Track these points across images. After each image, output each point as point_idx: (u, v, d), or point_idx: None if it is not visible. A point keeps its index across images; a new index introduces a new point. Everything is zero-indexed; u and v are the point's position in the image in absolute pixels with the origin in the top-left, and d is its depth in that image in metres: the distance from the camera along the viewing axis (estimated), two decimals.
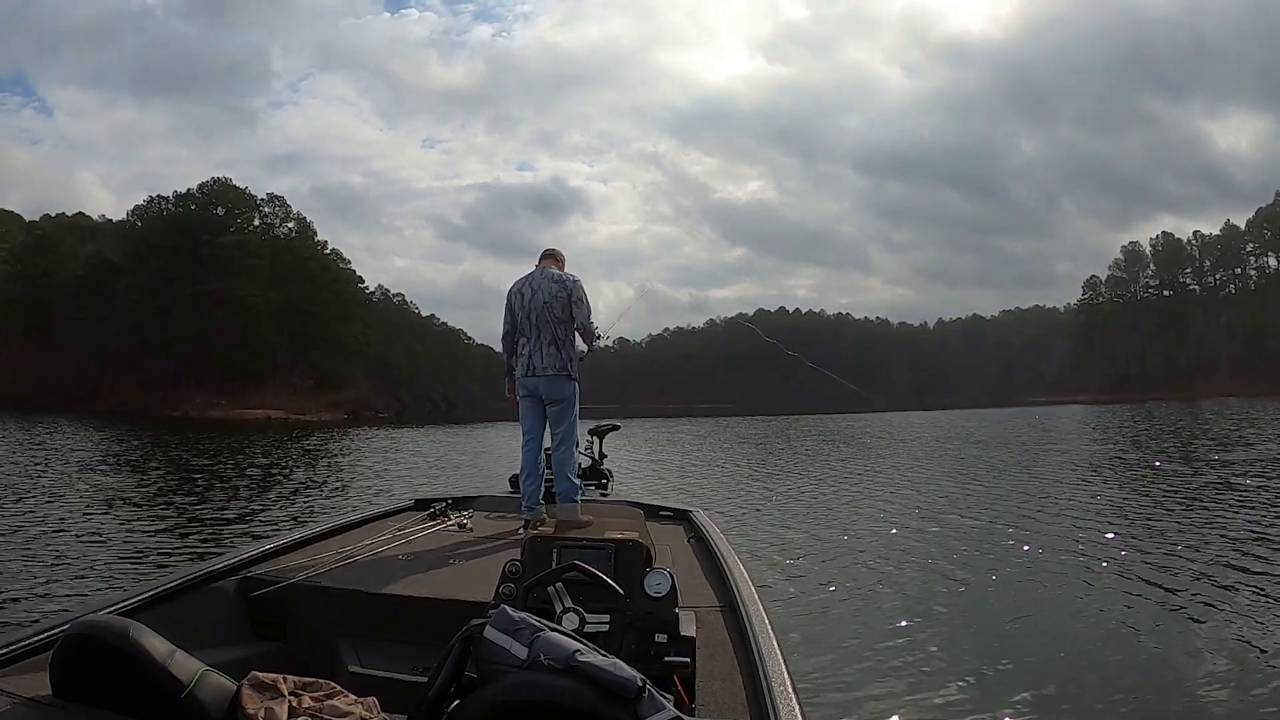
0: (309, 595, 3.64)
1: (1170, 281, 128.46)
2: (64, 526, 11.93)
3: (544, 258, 6.19)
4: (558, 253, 6.27)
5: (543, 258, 6.20)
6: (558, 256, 6.24)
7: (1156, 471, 17.95)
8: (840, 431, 42.00)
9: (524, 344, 5.97)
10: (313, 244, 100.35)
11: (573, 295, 5.88)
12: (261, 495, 15.92)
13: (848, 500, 14.90)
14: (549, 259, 6.17)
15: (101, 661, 1.87)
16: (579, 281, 5.99)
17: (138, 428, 44.45)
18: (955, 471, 19.79)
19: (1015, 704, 5.12)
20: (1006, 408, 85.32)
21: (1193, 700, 5.14)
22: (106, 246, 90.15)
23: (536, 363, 5.89)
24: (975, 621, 7.05)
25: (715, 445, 33.78)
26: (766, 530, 11.71)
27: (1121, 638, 6.47)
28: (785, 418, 66.17)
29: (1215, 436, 28.15)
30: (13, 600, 7.71)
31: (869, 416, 66.90)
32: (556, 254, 6.25)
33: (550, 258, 6.19)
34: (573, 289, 5.90)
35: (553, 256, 6.21)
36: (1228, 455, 21.04)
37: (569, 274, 6.06)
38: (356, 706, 1.96)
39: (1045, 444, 28.99)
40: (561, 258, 6.26)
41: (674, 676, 2.56)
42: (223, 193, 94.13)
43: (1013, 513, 12.69)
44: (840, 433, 40.83)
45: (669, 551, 4.31)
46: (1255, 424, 33.40)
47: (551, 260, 6.17)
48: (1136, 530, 10.95)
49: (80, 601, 7.40)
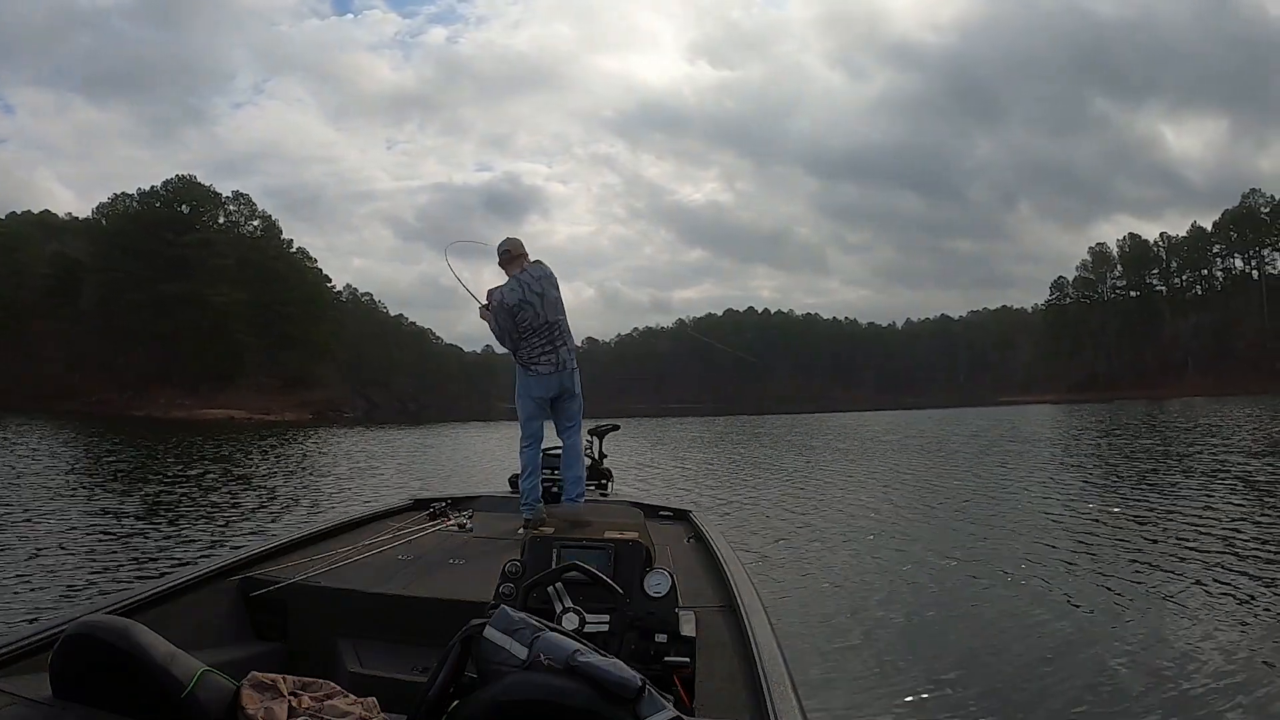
0: (309, 595, 3.63)
1: (1137, 282, 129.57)
2: (62, 527, 11.90)
3: (517, 258, 5.99)
4: (523, 248, 6.07)
5: (515, 258, 5.99)
6: (525, 253, 6.05)
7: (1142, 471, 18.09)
8: (820, 431, 42.12)
9: (545, 344, 5.86)
10: (279, 243, 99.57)
11: (558, 285, 5.93)
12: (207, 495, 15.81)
13: (846, 500, 14.90)
14: (521, 258, 5.99)
15: (101, 661, 1.86)
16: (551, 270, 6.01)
17: (93, 428, 43.99)
18: (952, 472, 19.80)
19: (1016, 703, 5.15)
20: (976, 407, 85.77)
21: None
22: (71, 245, 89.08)
23: (556, 363, 5.85)
24: (976, 620, 7.09)
25: (692, 446, 33.65)
26: (765, 530, 11.72)
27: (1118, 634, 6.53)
28: (759, 417, 66.29)
29: (1183, 435, 28.48)
30: (12, 600, 7.64)
31: (843, 416, 67.26)
32: (524, 250, 6.06)
33: (524, 256, 6.01)
34: (555, 279, 5.94)
35: (525, 254, 6.03)
36: (1195, 452, 21.30)
37: (544, 264, 6.01)
38: (356, 706, 1.95)
39: (1019, 442, 29.18)
40: (525, 253, 6.07)
41: (674, 676, 2.58)
42: (187, 190, 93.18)
43: (1011, 512, 12.82)
44: (820, 432, 40.92)
45: (669, 551, 4.33)
46: (1219, 423, 33.79)
47: (524, 259, 6.00)
48: (1135, 528, 11.08)
49: (80, 602, 7.34)
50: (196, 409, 75.46)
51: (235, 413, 75.86)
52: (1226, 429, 30.22)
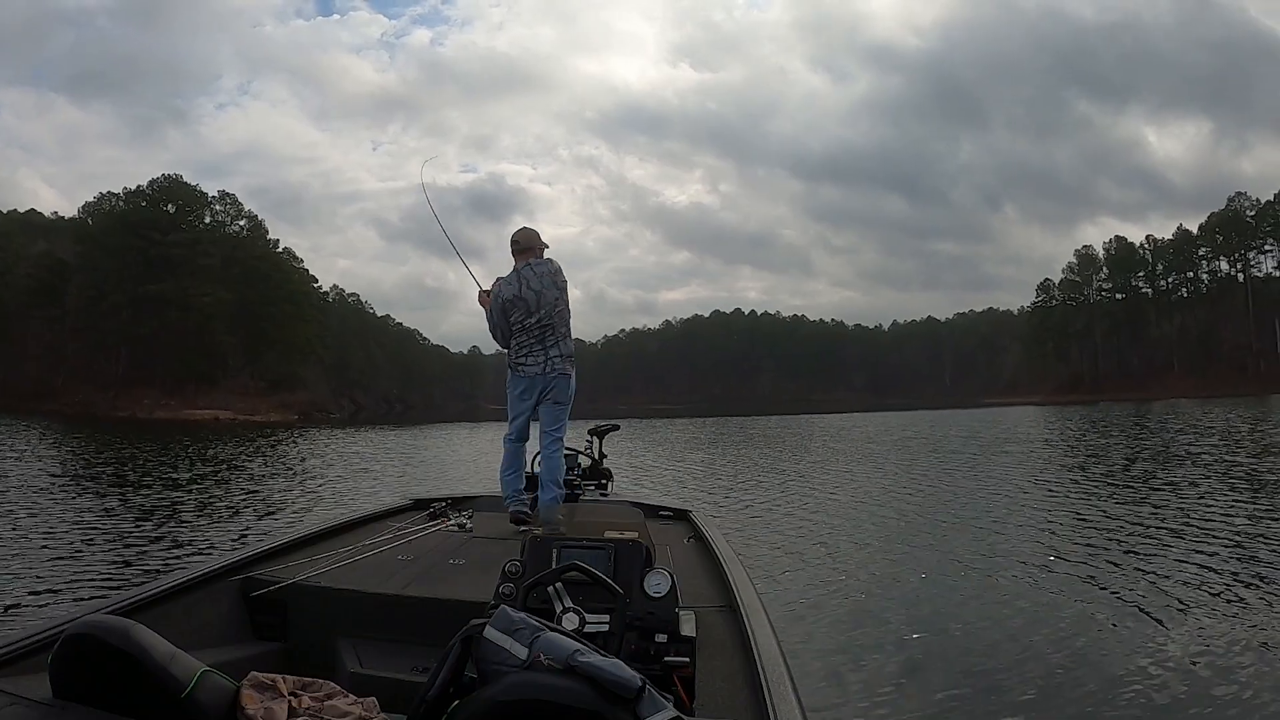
0: (308, 595, 3.63)
1: (1123, 284, 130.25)
2: (60, 527, 11.83)
3: (525, 250, 5.72)
4: (538, 240, 5.80)
5: (524, 249, 5.72)
6: (540, 244, 5.79)
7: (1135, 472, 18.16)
8: (811, 432, 42.08)
9: (535, 344, 5.67)
10: (265, 243, 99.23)
11: (563, 285, 5.71)
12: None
13: (845, 500, 14.86)
14: (530, 251, 5.72)
15: (101, 661, 1.85)
16: (560, 266, 5.75)
17: (78, 429, 43.71)
18: (950, 472, 19.77)
19: (1017, 703, 5.14)
20: (963, 409, 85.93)
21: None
22: (57, 245, 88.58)
23: (544, 365, 5.66)
24: (976, 619, 7.05)
25: (686, 446, 33.52)
26: (765, 530, 11.69)
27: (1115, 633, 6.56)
28: (749, 418, 66.29)
29: (1167, 437, 28.60)
30: (12, 600, 7.59)
31: (831, 417, 67.28)
32: (536, 243, 5.78)
33: (531, 250, 5.73)
34: (564, 279, 5.72)
35: (534, 247, 5.75)
36: (1181, 455, 21.40)
37: (555, 262, 5.75)
38: (356, 706, 1.96)
39: (1015, 443, 29.24)
40: (539, 245, 5.79)
41: (674, 676, 2.58)
42: (173, 190, 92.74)
43: (1010, 512, 12.81)
44: (812, 433, 40.88)
45: (669, 551, 4.33)
46: (1204, 425, 33.99)
47: (533, 252, 5.73)
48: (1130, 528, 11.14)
49: (80, 602, 7.31)
50: (181, 410, 75.22)
51: (220, 413, 75.71)
52: (1218, 430, 30.33)
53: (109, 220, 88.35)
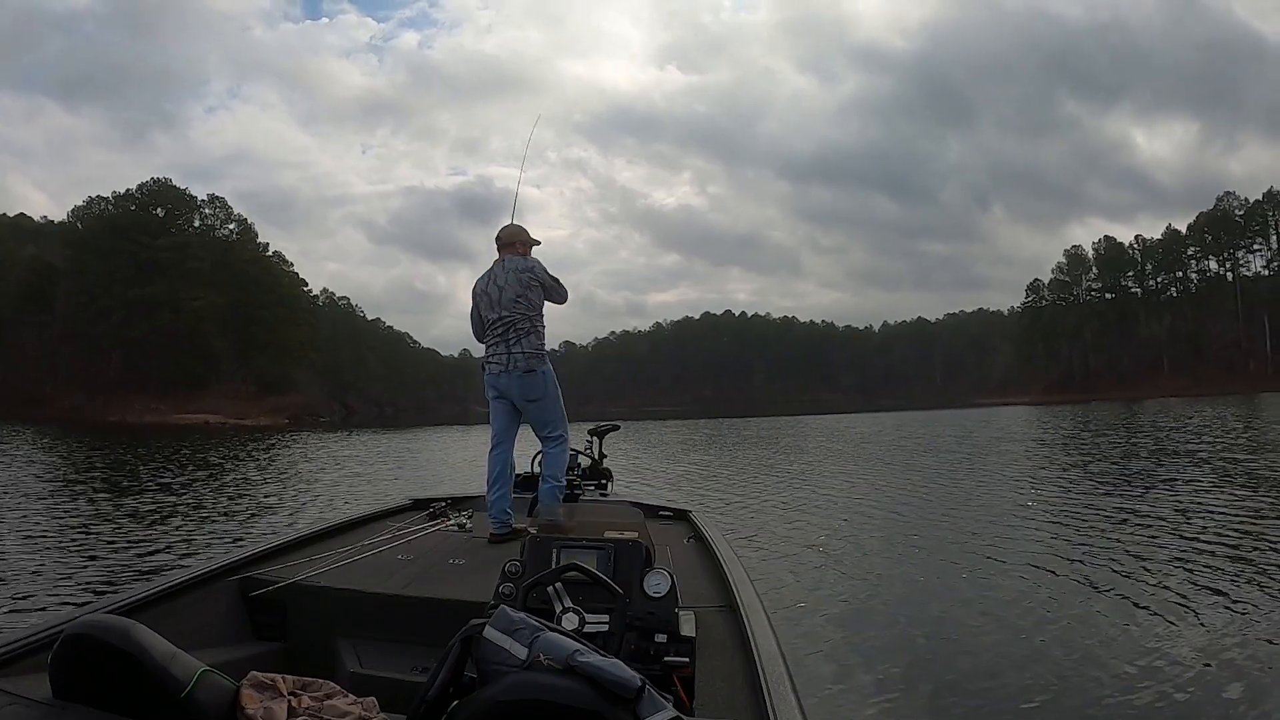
0: (308, 595, 3.62)
1: (1112, 284, 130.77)
2: (59, 527, 11.84)
3: (505, 246, 5.59)
4: (520, 236, 5.65)
5: (504, 245, 5.59)
6: (522, 241, 5.63)
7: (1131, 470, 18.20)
8: (805, 433, 42.08)
9: (499, 341, 5.43)
10: (254, 246, 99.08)
11: (543, 282, 5.48)
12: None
13: (844, 500, 14.82)
14: (510, 247, 5.59)
15: (101, 661, 1.85)
16: (538, 263, 5.55)
17: (69, 433, 43.54)
18: (948, 472, 19.76)
19: (1017, 703, 5.14)
20: (953, 409, 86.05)
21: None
22: (47, 250, 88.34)
23: (507, 362, 5.40)
24: (976, 618, 7.05)
25: (681, 448, 33.47)
26: (765, 530, 11.66)
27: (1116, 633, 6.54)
28: (742, 419, 66.34)
29: (1159, 435, 28.69)
30: (12, 600, 7.56)
31: (824, 418, 67.35)
32: (518, 239, 5.63)
33: (511, 246, 5.57)
34: (541, 276, 5.47)
35: (515, 243, 5.60)
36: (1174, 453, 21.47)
37: (530, 259, 5.57)
38: (356, 706, 1.95)
39: (1010, 442, 29.30)
40: (527, 241, 5.66)
41: (674, 676, 2.58)
42: (162, 193, 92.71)
43: (1009, 511, 12.78)
44: (805, 434, 40.87)
45: (669, 551, 4.33)
46: (1195, 423, 34.10)
47: (513, 248, 5.57)
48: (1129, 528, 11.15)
49: (80, 602, 7.29)
50: (171, 414, 75.10)
51: (211, 417, 75.55)
52: (1210, 428, 30.42)
53: (99, 224, 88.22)
